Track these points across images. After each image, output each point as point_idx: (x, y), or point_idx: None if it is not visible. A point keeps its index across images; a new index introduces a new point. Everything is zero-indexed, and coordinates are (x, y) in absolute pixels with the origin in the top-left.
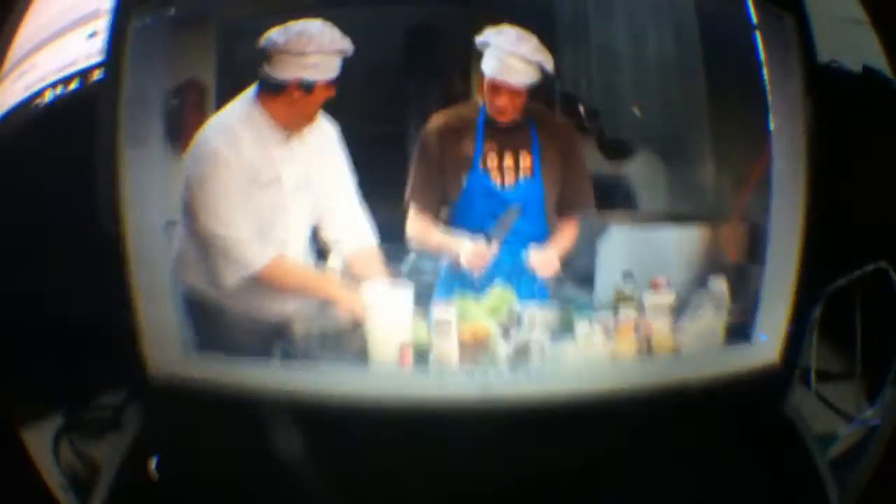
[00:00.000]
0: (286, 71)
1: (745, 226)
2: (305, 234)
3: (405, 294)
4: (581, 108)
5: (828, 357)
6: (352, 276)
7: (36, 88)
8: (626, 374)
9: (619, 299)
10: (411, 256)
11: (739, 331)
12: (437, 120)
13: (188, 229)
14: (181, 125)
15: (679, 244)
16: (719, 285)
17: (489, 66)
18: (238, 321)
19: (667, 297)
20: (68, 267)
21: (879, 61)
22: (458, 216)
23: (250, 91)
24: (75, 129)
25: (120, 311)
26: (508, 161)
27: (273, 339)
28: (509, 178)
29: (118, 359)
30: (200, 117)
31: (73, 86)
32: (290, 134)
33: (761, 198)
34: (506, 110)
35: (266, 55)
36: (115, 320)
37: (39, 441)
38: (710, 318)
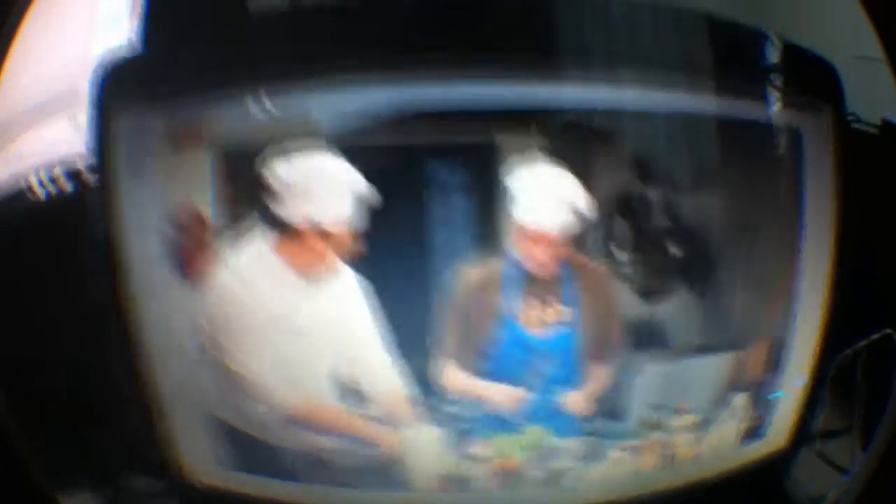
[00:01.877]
0: (293, 211)
1: (766, 343)
2: (336, 380)
3: (443, 436)
4: (618, 254)
5: (831, 418)
6: (386, 422)
7: (24, 182)
8: (649, 481)
9: (647, 427)
10: (449, 406)
11: (754, 432)
12: (467, 274)
13: (211, 369)
14: (184, 258)
15: (706, 372)
16: (740, 401)
17: (522, 212)
18: (276, 450)
19: (691, 419)
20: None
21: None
22: (493, 367)
23: (262, 231)
24: (76, 234)
25: (152, 423)
26: (544, 314)
27: (312, 468)
28: (545, 330)
29: (157, 463)
30: (203, 250)
31: (66, 187)
32: (309, 280)
33: (784, 312)
34: (542, 261)
35: (270, 191)
36: (149, 430)
37: None
38: (730, 429)
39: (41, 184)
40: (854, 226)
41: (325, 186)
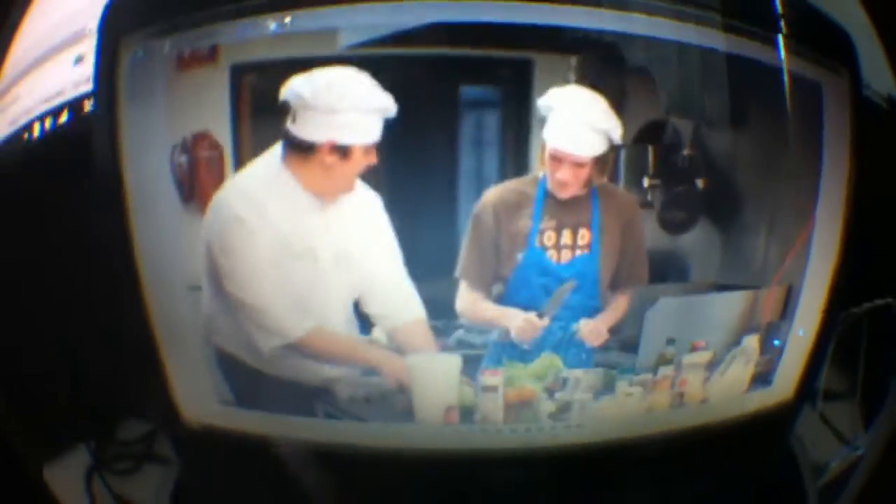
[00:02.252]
0: (315, 131)
1: (782, 288)
2: (347, 306)
3: (451, 362)
4: (645, 181)
5: (833, 378)
6: (398, 348)
7: (22, 122)
8: (657, 422)
9: (660, 361)
10: (459, 332)
11: (762, 378)
12: (492, 194)
13: (216, 297)
14: (194, 186)
15: (722, 310)
16: (751, 342)
17: (552, 134)
18: (278, 383)
19: (703, 357)
20: (82, 318)
21: (886, 78)
22: (510, 291)
23: (276, 150)
24: (73, 169)
25: (146, 364)
26: (567, 238)
27: (315, 400)
28: (566, 255)
29: (151, 404)
30: (216, 178)
31: (62, 118)
32: (324, 201)
33: (799, 260)
34: (568, 184)
35: (290, 110)
36: (142, 372)
37: (67, 480)
38: (739, 371)
39: (40, 119)
40: (865, 191)
41: (346, 103)
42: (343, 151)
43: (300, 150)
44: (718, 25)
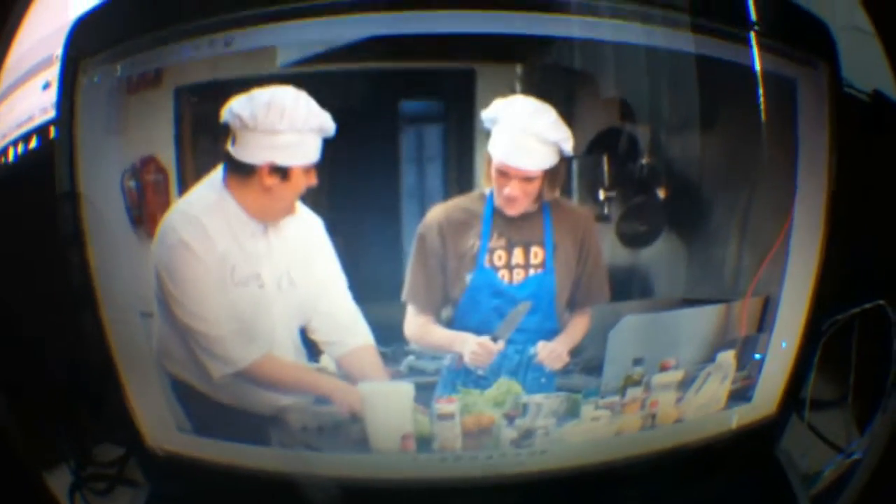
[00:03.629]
0: (254, 153)
1: (758, 300)
2: (294, 332)
3: (403, 390)
4: (601, 194)
5: (821, 388)
6: (347, 375)
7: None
8: (628, 444)
9: (628, 383)
10: (410, 358)
11: (741, 394)
12: (437, 212)
13: (166, 323)
14: (142, 210)
15: (691, 326)
16: (726, 358)
17: (497, 148)
18: (231, 411)
19: (675, 376)
20: (50, 337)
21: (884, 75)
22: (460, 314)
23: (217, 173)
24: (40, 193)
25: (110, 389)
26: (518, 257)
27: (269, 428)
28: (518, 275)
29: (118, 430)
30: (163, 202)
31: (32, 144)
32: (266, 225)
33: (775, 269)
34: (517, 200)
35: (230, 132)
36: (107, 397)
37: (59, 490)
38: (715, 389)
39: (13, 144)
40: (847, 189)
41: (284, 124)
42: (283, 173)
43: (240, 172)
44: (685, 25)
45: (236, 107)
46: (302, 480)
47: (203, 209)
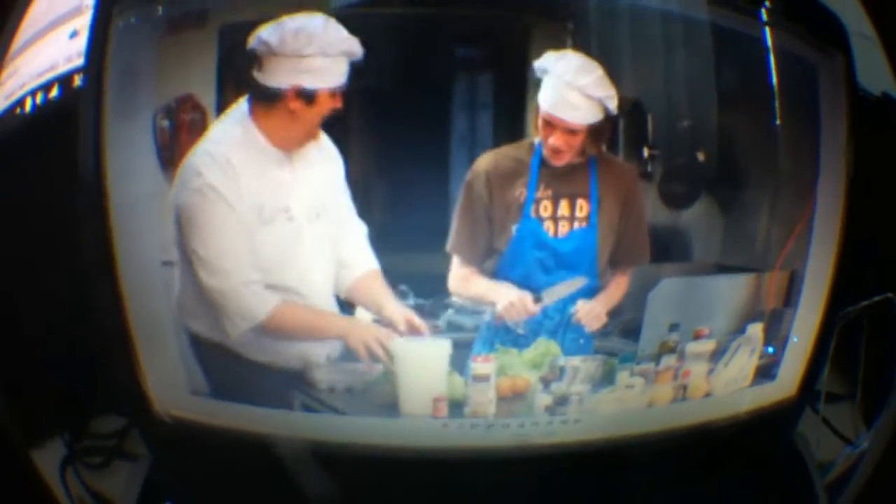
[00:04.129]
0: (281, 77)
1: (785, 273)
2: (328, 269)
3: (440, 348)
4: (645, 152)
5: (834, 381)
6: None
7: (16, 96)
8: (659, 418)
9: (663, 350)
10: (449, 312)
11: (766, 371)
12: (485, 161)
13: (186, 274)
14: (174, 150)
15: (725, 294)
16: (755, 331)
17: (545, 98)
18: (253, 369)
19: (707, 346)
20: (57, 298)
21: (887, 80)
22: (503, 266)
23: (239, 107)
24: (58, 144)
25: (118, 349)
26: (564, 209)
27: (293, 390)
28: (564, 228)
29: (122, 395)
30: (196, 141)
31: (53, 93)
32: (291, 156)
33: (801, 244)
34: (561, 152)
35: (256, 59)
36: (114, 358)
37: (48, 466)
38: (744, 363)
39: (32, 93)
40: (861, 180)
41: (312, 48)
42: (309, 96)
43: (266, 99)
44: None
45: (264, 34)
46: (323, 449)
47: (230, 146)
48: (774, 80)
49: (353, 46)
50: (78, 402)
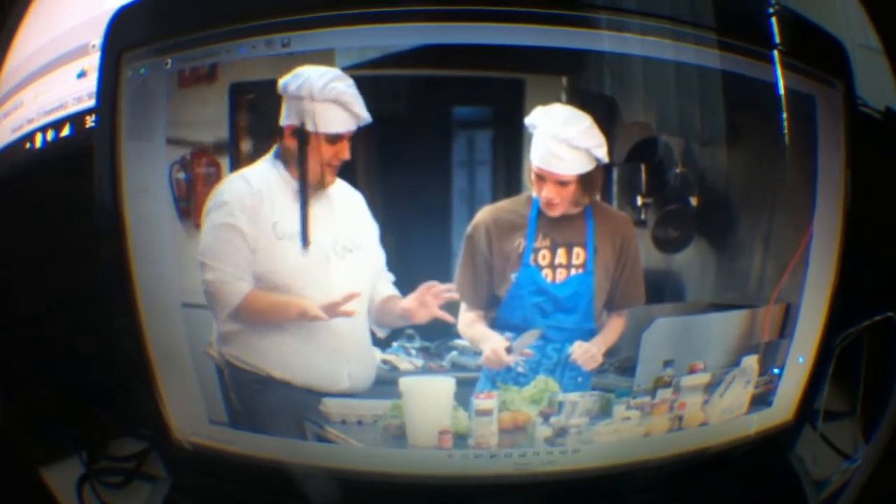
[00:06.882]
0: (285, 116)
1: (780, 307)
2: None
3: (445, 385)
4: (638, 200)
5: (832, 398)
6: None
7: (24, 130)
8: (655, 446)
9: (658, 384)
10: (453, 353)
11: (762, 399)
12: (484, 215)
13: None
14: (191, 202)
15: (719, 331)
16: (750, 362)
17: (535, 153)
18: (271, 395)
19: (702, 379)
20: (79, 331)
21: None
22: (504, 311)
23: (265, 147)
24: (72, 181)
25: (140, 381)
26: (561, 257)
27: (305, 421)
28: (561, 275)
29: (144, 422)
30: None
31: (64, 132)
32: (309, 191)
33: (796, 277)
34: (555, 203)
35: (275, 103)
36: (136, 389)
37: (62, 483)
38: (739, 393)
39: (42, 129)
40: (861, 204)
41: (304, 91)
42: (302, 136)
43: (280, 136)
44: (713, 44)
45: (283, 80)
46: (334, 476)
47: (253, 173)
48: (771, 118)
49: (342, 97)
50: (99, 427)
